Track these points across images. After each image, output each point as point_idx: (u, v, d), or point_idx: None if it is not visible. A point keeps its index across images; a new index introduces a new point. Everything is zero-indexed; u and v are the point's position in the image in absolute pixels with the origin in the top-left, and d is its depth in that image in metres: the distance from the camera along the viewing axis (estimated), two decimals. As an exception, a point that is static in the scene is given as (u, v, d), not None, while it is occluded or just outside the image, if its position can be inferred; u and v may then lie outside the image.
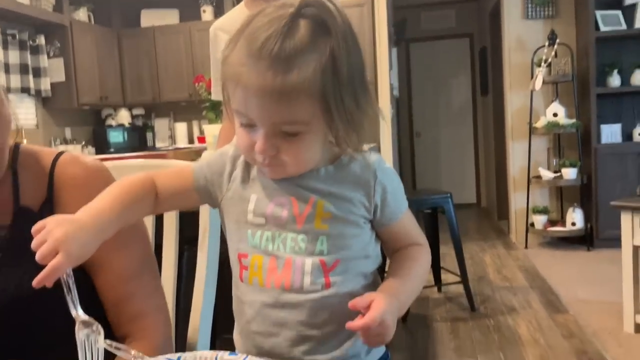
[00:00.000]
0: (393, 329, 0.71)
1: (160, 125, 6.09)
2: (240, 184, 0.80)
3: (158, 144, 6.02)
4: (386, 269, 0.82)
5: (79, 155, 0.93)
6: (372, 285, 0.81)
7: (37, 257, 0.65)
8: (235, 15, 1.82)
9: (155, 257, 0.97)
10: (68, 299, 0.66)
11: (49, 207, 0.87)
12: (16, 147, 0.90)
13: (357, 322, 0.69)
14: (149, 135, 6.04)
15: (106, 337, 0.70)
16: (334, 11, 0.70)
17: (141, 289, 0.90)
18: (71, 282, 0.66)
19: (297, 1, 0.69)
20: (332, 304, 0.76)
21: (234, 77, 0.70)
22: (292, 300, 0.76)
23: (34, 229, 0.66)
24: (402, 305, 0.75)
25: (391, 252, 0.85)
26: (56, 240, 0.66)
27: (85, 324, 0.66)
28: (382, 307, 0.70)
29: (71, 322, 0.68)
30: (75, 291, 0.66)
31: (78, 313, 0.67)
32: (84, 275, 0.87)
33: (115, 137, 5.67)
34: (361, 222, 0.78)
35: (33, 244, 0.65)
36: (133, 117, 5.99)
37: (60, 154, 0.91)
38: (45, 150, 0.92)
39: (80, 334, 0.66)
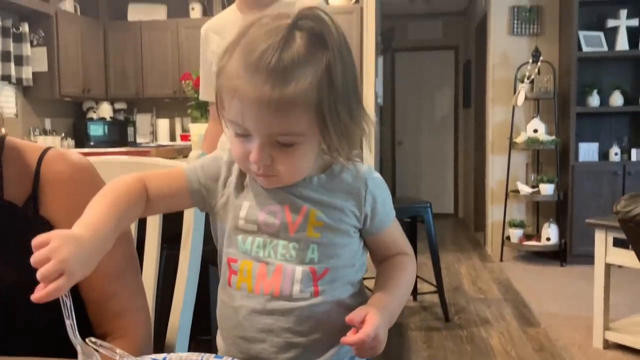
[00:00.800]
0: (385, 341, 0.73)
1: (142, 120, 6.03)
2: (234, 190, 0.80)
3: (139, 140, 5.96)
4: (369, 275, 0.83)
5: (65, 151, 0.91)
6: (359, 294, 0.82)
7: (40, 275, 0.61)
8: (227, 17, 1.82)
9: (137, 255, 0.97)
10: (67, 323, 0.64)
11: (33, 203, 0.86)
12: (1, 140, 0.88)
13: (352, 338, 0.71)
14: (130, 130, 5.98)
15: (86, 334, 0.69)
16: (330, 24, 0.71)
17: (124, 288, 0.89)
18: (70, 303, 0.64)
19: (294, 13, 0.70)
20: (320, 312, 0.77)
21: (230, 89, 0.70)
22: (280, 307, 0.76)
23: (35, 242, 0.62)
24: (392, 317, 0.77)
25: (378, 261, 0.86)
26: (61, 261, 0.62)
27: (87, 354, 0.65)
28: (375, 322, 0.71)
29: (51, 314, 0.66)
30: (74, 314, 0.64)
31: (77, 341, 0.65)
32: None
33: (96, 130, 5.61)
34: (351, 231, 0.79)
35: (34, 260, 0.62)
36: (115, 111, 5.92)
37: (46, 150, 0.90)
38: (30, 145, 0.91)
39: None
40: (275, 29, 0.68)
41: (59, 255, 0.63)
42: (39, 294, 0.61)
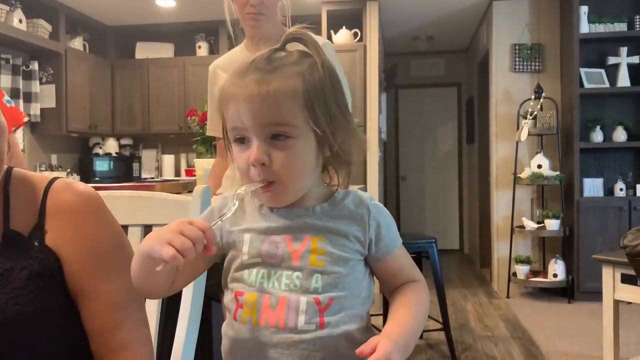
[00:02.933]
0: None
1: (148, 156, 6.08)
2: (240, 227, 0.82)
3: (144, 175, 5.99)
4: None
5: (72, 182, 0.92)
6: (366, 329, 0.80)
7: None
8: (235, 56, 1.84)
9: None
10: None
11: (39, 233, 0.86)
12: (8, 171, 0.89)
13: None
14: (135, 165, 6.01)
15: None
16: (317, 47, 0.80)
17: (128, 320, 0.89)
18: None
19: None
20: (326, 345, 0.75)
21: (227, 98, 0.77)
22: (285, 340, 0.75)
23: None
24: (407, 347, 0.75)
25: (389, 292, 0.85)
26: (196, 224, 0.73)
27: None
28: (387, 347, 0.70)
29: (53, 347, 0.66)
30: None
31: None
32: (69, 304, 0.86)
33: (101, 165, 5.64)
34: (356, 259, 0.79)
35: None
36: (121, 146, 5.97)
37: (53, 180, 0.90)
38: (37, 176, 0.92)
39: None
40: (267, 48, 0.80)
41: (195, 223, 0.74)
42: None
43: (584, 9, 4.46)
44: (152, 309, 1.09)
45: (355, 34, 4.92)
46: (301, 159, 0.76)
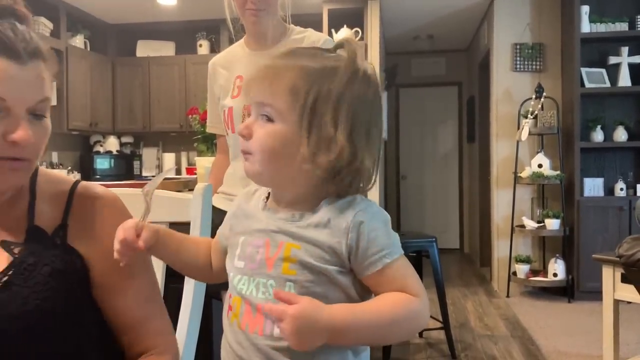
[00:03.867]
0: (295, 336, 0.69)
1: (148, 154, 6.08)
2: (237, 230, 0.84)
3: (145, 173, 5.99)
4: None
5: (94, 185, 0.96)
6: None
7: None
8: (235, 52, 1.81)
9: None
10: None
11: (62, 232, 0.88)
12: (35, 170, 0.92)
13: (270, 305, 0.72)
14: (136, 163, 6.02)
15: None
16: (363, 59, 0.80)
17: (157, 310, 0.94)
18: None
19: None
20: (305, 354, 0.73)
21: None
22: (265, 348, 0.76)
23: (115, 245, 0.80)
24: (336, 334, 0.71)
25: None
26: (133, 224, 0.83)
27: None
28: (296, 310, 0.68)
29: (73, 341, 0.70)
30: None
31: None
32: (91, 302, 0.90)
33: (102, 163, 5.65)
34: (334, 270, 0.74)
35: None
36: (121, 144, 5.98)
37: (77, 182, 0.94)
38: (60, 176, 0.96)
39: None
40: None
41: (133, 223, 0.84)
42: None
43: (585, 9, 4.46)
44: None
45: (356, 33, 4.92)
46: (277, 141, 0.76)
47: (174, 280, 1.25)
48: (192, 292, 1.11)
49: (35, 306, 0.77)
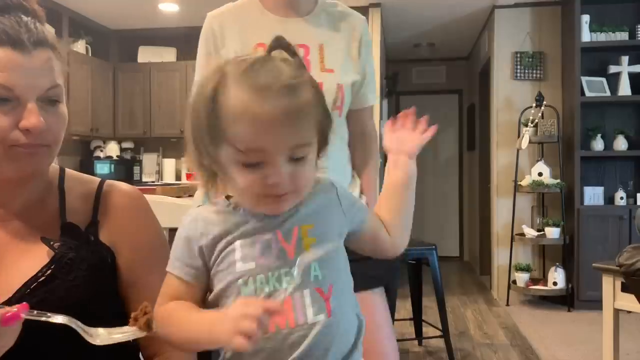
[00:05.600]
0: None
1: (149, 160, 6.08)
2: (222, 241, 0.77)
3: (145, 179, 5.99)
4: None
5: (120, 183, 1.00)
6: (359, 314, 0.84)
7: None
8: (247, 13, 1.44)
9: None
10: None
11: (93, 229, 0.92)
12: (62, 170, 0.97)
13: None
14: (136, 169, 6.02)
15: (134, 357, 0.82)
16: (302, 60, 0.79)
17: None
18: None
19: (266, 47, 0.79)
20: (333, 332, 0.76)
21: (240, 118, 0.71)
22: (298, 339, 0.74)
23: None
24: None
25: (378, 235, 0.92)
26: None
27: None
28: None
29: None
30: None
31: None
32: (118, 296, 0.93)
33: (102, 169, 5.65)
34: (339, 239, 0.82)
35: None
36: (122, 150, 5.98)
37: (103, 181, 0.98)
38: (87, 176, 1.00)
39: None
40: (257, 59, 0.76)
41: None
42: None
43: (585, 18, 4.47)
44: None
45: (357, 40, 4.93)
46: (312, 171, 0.78)
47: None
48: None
49: (76, 299, 0.81)
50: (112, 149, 5.85)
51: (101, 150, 5.83)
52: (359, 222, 0.87)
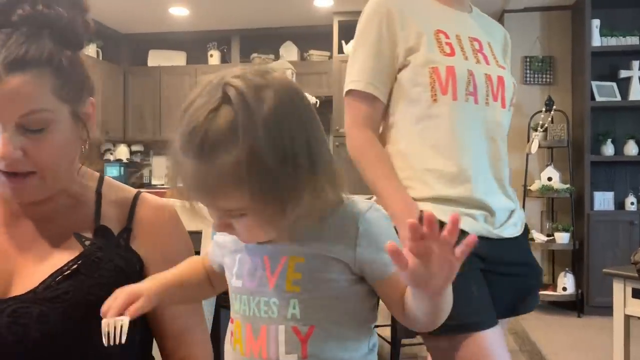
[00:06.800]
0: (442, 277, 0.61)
1: (158, 163, 6.12)
2: (232, 248, 0.79)
3: (154, 182, 6.03)
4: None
5: (154, 196, 1.02)
6: (369, 353, 0.76)
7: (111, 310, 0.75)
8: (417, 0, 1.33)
9: None
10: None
11: (126, 234, 0.94)
12: (101, 176, 1.01)
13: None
14: (145, 172, 6.05)
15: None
16: (255, 93, 0.65)
17: (202, 321, 1.00)
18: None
19: (225, 80, 0.67)
20: None
21: (175, 164, 0.70)
22: None
23: (104, 307, 0.76)
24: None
25: (398, 310, 0.73)
26: (136, 290, 0.76)
27: None
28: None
29: (130, 333, 0.76)
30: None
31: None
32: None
33: (112, 172, 5.68)
34: (343, 282, 0.71)
35: (104, 310, 0.74)
36: (132, 153, 6.02)
37: (139, 192, 1.00)
38: (123, 185, 1.02)
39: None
40: (208, 102, 0.66)
41: (132, 290, 0.76)
42: (106, 306, 0.75)
43: (595, 22, 4.46)
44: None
45: (366, 45, 4.94)
46: (264, 226, 0.69)
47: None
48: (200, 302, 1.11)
49: (98, 297, 0.81)
50: (122, 152, 5.89)
51: (111, 154, 5.88)
52: (373, 277, 0.72)
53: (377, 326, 0.81)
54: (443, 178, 1.21)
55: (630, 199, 4.48)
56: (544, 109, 4.64)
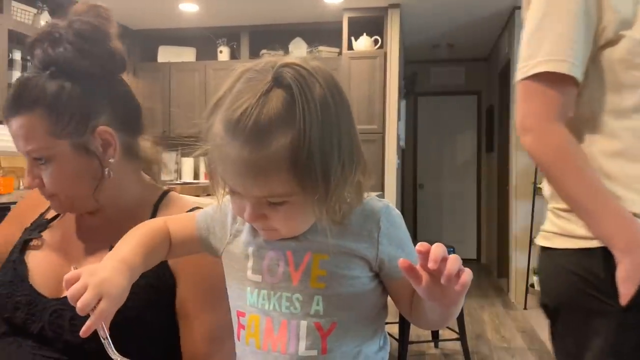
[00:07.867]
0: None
1: (168, 159, 6.13)
2: (243, 239, 0.78)
3: (164, 177, 6.03)
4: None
5: (181, 197, 1.07)
6: (379, 349, 0.77)
7: (79, 305, 0.66)
8: None
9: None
10: (105, 344, 0.70)
11: None
12: (166, 191, 1.06)
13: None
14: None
15: None
16: (309, 79, 0.66)
17: (220, 351, 0.92)
18: (105, 328, 0.70)
19: (275, 66, 0.66)
20: None
21: (216, 150, 0.68)
22: None
23: (67, 277, 0.69)
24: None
25: (407, 309, 0.76)
26: (97, 285, 0.67)
27: None
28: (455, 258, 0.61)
29: (144, 354, 0.75)
30: (108, 335, 0.70)
31: (116, 357, 0.70)
32: (171, 323, 0.94)
33: (122, 167, 5.72)
34: (364, 279, 0.73)
35: (70, 293, 0.67)
36: (141, 148, 6.04)
37: (194, 208, 1.00)
38: (184, 199, 1.05)
39: None
40: (255, 86, 0.65)
41: (94, 281, 0.67)
42: (87, 326, 0.66)
43: (608, 19, 4.41)
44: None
45: (376, 41, 4.93)
46: (301, 216, 0.69)
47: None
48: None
49: (129, 313, 0.79)
50: (132, 148, 5.92)
51: (121, 149, 5.91)
52: (389, 274, 0.74)
53: (385, 323, 0.82)
54: None
55: None
56: (554, 107, 4.60)
